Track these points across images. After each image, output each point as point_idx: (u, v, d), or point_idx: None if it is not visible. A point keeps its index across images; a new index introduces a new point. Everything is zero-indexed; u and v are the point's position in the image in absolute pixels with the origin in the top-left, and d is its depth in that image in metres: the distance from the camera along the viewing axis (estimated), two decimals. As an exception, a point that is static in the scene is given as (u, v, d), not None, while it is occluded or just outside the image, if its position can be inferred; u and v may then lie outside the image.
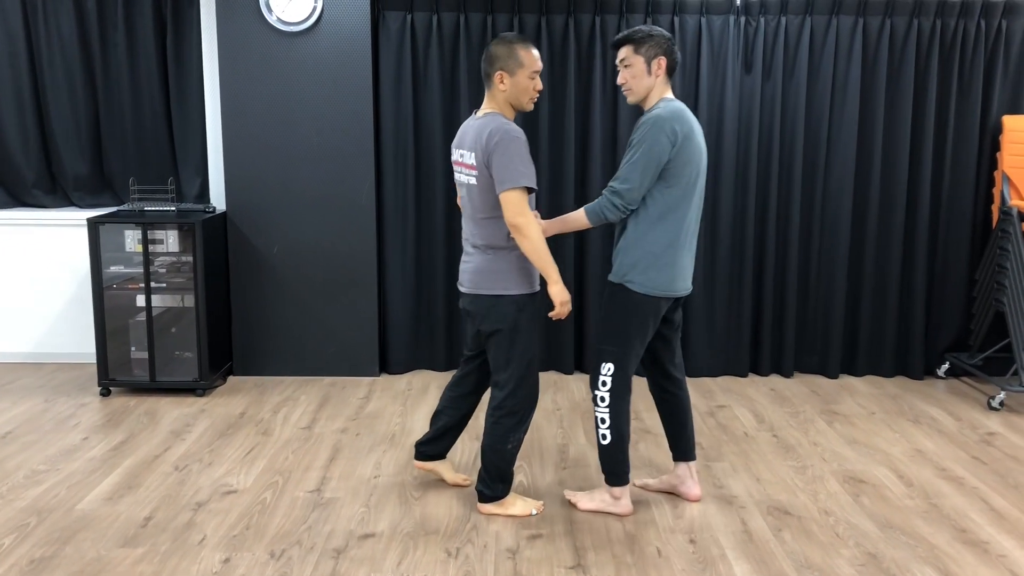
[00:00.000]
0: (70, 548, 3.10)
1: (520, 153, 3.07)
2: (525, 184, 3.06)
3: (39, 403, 4.62)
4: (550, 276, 3.13)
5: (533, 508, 3.39)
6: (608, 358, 3.27)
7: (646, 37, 3.18)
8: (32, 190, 5.29)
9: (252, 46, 4.81)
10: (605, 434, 3.30)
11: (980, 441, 4.23)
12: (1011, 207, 4.72)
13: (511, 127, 3.09)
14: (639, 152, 3.09)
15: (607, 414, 3.29)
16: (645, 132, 3.09)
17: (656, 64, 3.18)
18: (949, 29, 4.91)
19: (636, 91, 3.23)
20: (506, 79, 3.15)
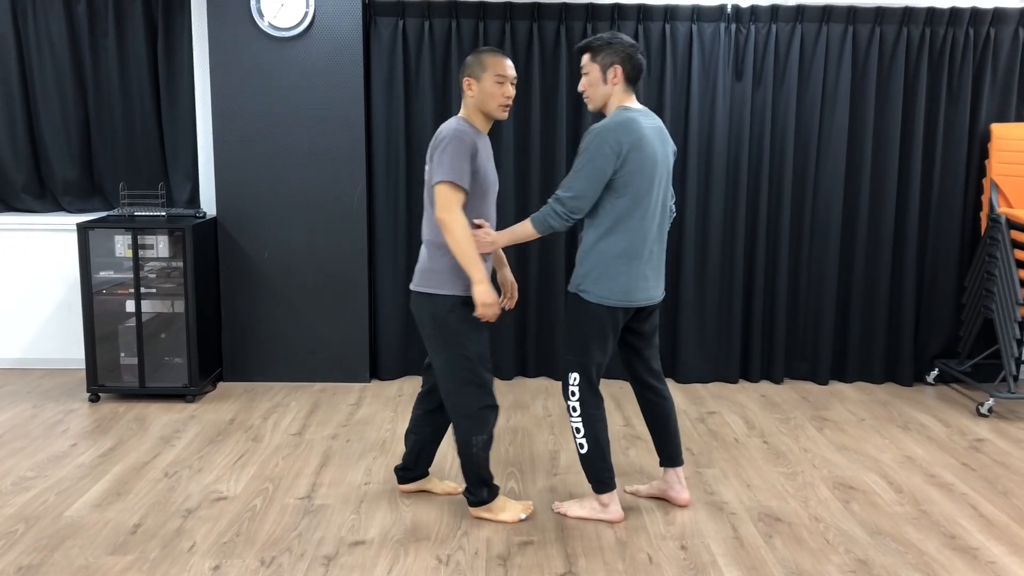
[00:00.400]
0: (58, 555, 3.08)
1: (457, 152, 3.09)
2: (452, 179, 3.07)
3: (27, 409, 4.60)
4: (473, 276, 3.11)
5: (522, 512, 3.39)
6: (573, 368, 3.29)
7: (603, 45, 3.18)
8: (21, 195, 5.27)
9: (243, 51, 4.80)
10: (582, 443, 3.31)
11: (969, 447, 4.24)
12: (999, 214, 4.75)
13: (461, 128, 3.13)
14: (583, 161, 3.10)
15: (581, 423, 3.30)
16: (589, 142, 3.10)
17: (612, 72, 3.17)
18: (938, 37, 4.95)
19: (593, 99, 3.24)
20: (473, 85, 3.18)
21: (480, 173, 3.18)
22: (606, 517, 3.38)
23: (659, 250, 3.30)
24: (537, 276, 5.12)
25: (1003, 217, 4.73)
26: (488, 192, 3.25)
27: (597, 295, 3.21)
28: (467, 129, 3.15)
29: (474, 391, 3.23)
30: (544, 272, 5.12)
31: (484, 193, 3.23)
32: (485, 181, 3.22)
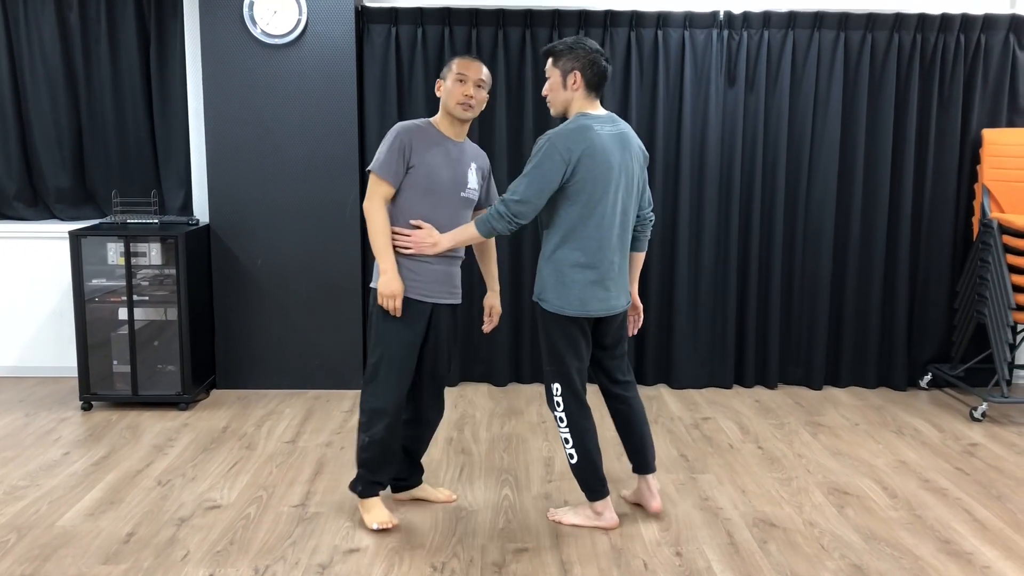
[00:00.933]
0: (51, 565, 3.06)
1: (387, 142, 3.19)
2: (372, 169, 3.17)
3: (19, 417, 4.58)
4: (380, 265, 3.17)
5: (376, 523, 3.31)
6: (554, 379, 3.27)
7: (565, 50, 3.16)
8: (13, 202, 5.25)
9: (236, 59, 4.80)
10: (572, 453, 3.29)
11: (963, 452, 4.25)
12: (991, 219, 4.77)
13: (405, 123, 3.23)
14: (531, 166, 3.09)
15: (568, 433, 3.28)
16: (540, 147, 3.09)
17: (572, 78, 3.15)
18: (929, 43, 4.97)
19: (554, 104, 3.24)
20: (442, 86, 3.27)
21: (421, 171, 3.18)
22: (601, 524, 3.37)
23: (620, 259, 3.25)
24: (530, 283, 5.12)
25: (995, 222, 4.74)
26: (435, 193, 3.21)
27: (554, 304, 3.20)
28: (414, 126, 3.23)
29: (375, 391, 3.23)
30: (538, 278, 5.12)
31: (428, 192, 3.20)
32: (429, 179, 3.19)
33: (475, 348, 5.22)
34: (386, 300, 3.16)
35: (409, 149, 3.18)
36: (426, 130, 3.24)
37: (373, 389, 3.25)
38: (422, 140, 3.21)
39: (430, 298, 3.26)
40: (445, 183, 3.24)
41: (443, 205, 3.24)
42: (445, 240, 3.20)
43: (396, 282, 3.16)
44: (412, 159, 3.18)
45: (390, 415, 3.24)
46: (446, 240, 3.20)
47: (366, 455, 3.30)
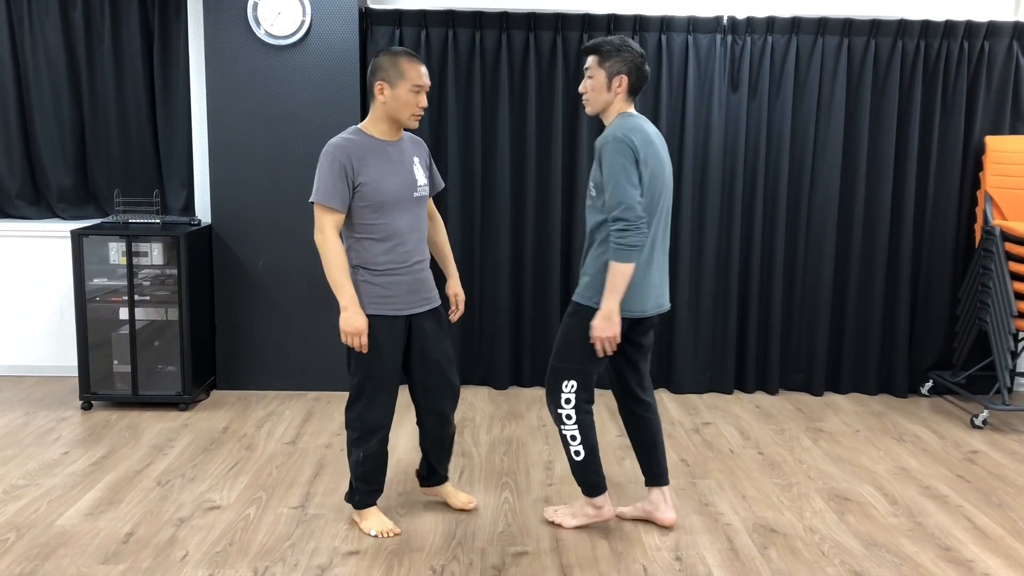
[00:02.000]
0: (50, 565, 3.06)
1: (324, 168, 3.03)
2: (316, 200, 3.03)
3: (19, 417, 4.57)
4: (341, 300, 3.04)
5: (374, 529, 3.31)
6: (569, 376, 3.22)
7: (613, 51, 3.10)
8: (15, 201, 5.25)
9: (239, 59, 4.80)
10: (578, 450, 3.26)
11: (964, 459, 4.24)
12: (994, 226, 4.76)
13: (335, 142, 3.05)
14: (613, 171, 3.00)
15: (576, 430, 3.25)
16: (611, 151, 3.01)
17: (617, 81, 3.11)
18: (933, 50, 4.97)
19: (593, 104, 3.18)
20: (386, 90, 3.06)
21: (369, 186, 3.05)
22: (602, 518, 3.36)
23: (664, 256, 3.24)
24: (532, 286, 5.12)
25: (997, 229, 4.74)
26: (386, 204, 3.08)
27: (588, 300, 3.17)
28: (345, 141, 3.06)
29: (361, 410, 3.19)
30: (539, 282, 5.12)
31: (380, 206, 3.07)
32: (377, 193, 3.06)
33: (475, 351, 5.22)
34: (351, 338, 3.05)
35: (351, 168, 3.03)
36: (361, 142, 3.08)
37: (361, 408, 3.20)
38: (361, 154, 3.06)
39: (405, 310, 3.18)
40: (396, 191, 3.10)
41: (399, 213, 3.12)
42: (612, 303, 3.05)
43: (358, 317, 3.04)
44: (357, 177, 3.04)
45: (383, 429, 3.23)
46: (612, 302, 3.05)
47: (362, 469, 3.28)
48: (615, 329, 3.07)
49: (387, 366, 3.17)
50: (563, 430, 3.28)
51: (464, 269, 5.11)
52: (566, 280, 5.16)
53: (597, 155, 3.10)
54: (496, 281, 5.09)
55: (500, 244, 5.05)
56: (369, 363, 3.16)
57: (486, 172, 5.05)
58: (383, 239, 3.12)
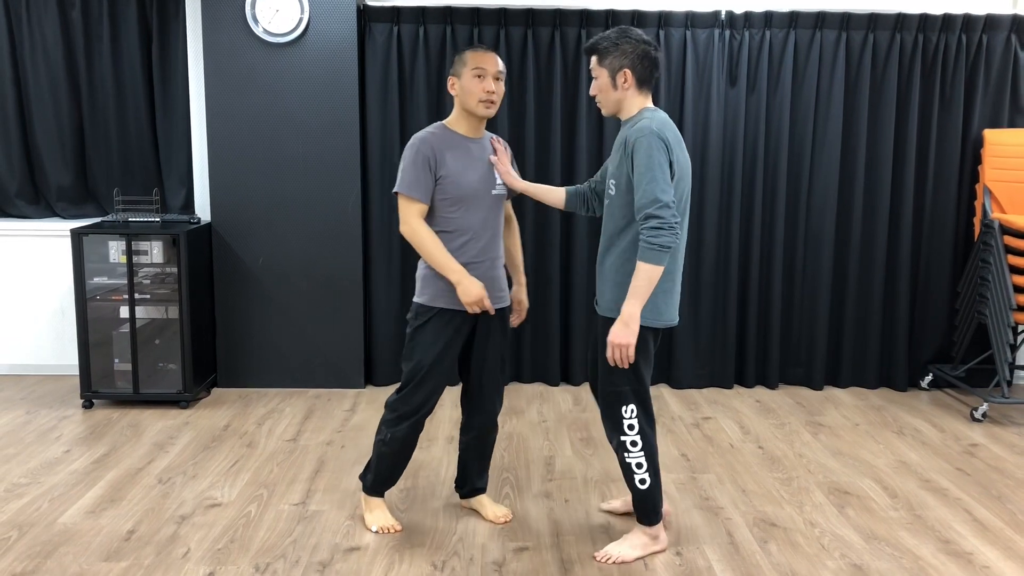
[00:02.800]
0: (52, 562, 3.06)
1: (408, 159, 3.07)
2: (400, 191, 3.06)
3: (20, 415, 4.58)
4: (450, 278, 3.06)
5: (376, 525, 3.32)
6: (628, 400, 3.01)
7: (610, 47, 2.93)
8: (15, 200, 5.26)
9: (238, 57, 4.80)
10: (644, 479, 3.05)
11: (963, 452, 4.25)
12: (993, 220, 4.76)
13: (419, 135, 3.10)
14: (646, 167, 2.81)
15: (643, 456, 3.03)
16: (645, 148, 2.82)
17: (622, 77, 2.94)
18: (931, 43, 4.96)
19: (605, 104, 3.02)
20: (455, 83, 3.12)
21: (450, 179, 3.08)
22: (658, 548, 3.18)
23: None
24: (532, 284, 5.12)
25: (996, 222, 4.74)
26: (466, 199, 3.11)
27: (648, 318, 2.94)
28: (432, 135, 3.10)
29: (411, 396, 3.19)
30: (538, 279, 5.12)
31: (460, 200, 3.10)
32: (458, 187, 3.09)
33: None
34: (473, 307, 3.07)
35: (434, 161, 3.06)
36: (443, 136, 3.12)
37: (406, 393, 3.20)
38: (442, 148, 3.09)
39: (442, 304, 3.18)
40: (475, 186, 3.13)
41: (475, 210, 3.13)
42: (636, 307, 2.86)
43: (474, 286, 3.05)
44: (439, 170, 3.07)
45: (417, 416, 3.22)
46: (636, 306, 2.86)
47: (385, 449, 3.26)
48: (633, 337, 2.87)
49: (444, 357, 3.17)
50: (627, 458, 3.05)
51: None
52: (565, 275, 5.16)
53: (626, 151, 2.90)
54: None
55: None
56: (427, 351, 3.15)
57: (485, 168, 5.04)
58: (458, 234, 3.13)
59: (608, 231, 3.04)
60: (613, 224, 3.00)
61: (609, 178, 3.04)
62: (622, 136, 2.97)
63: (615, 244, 3.00)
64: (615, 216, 2.99)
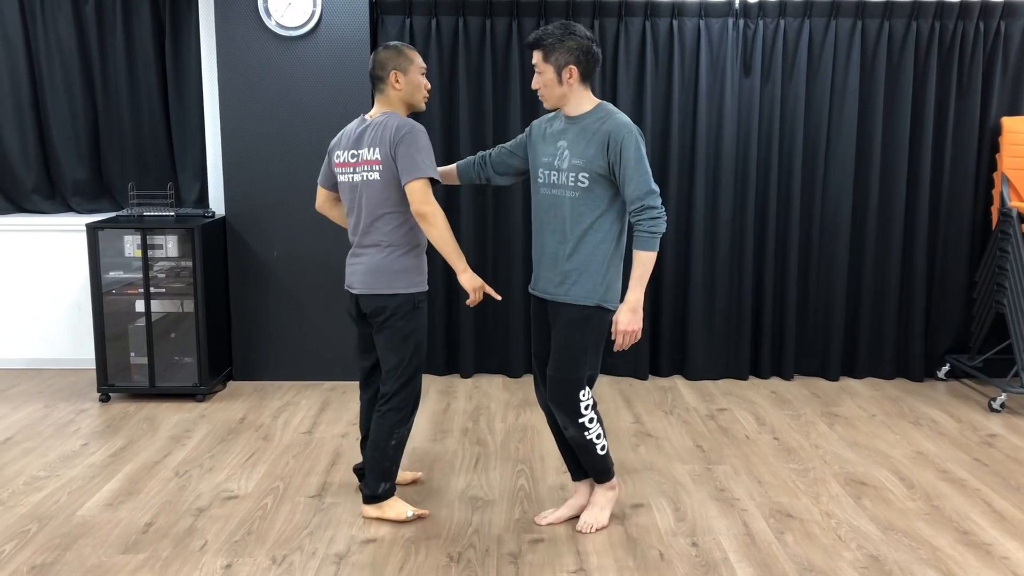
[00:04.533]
0: (71, 555, 3.09)
1: (425, 146, 3.16)
2: (429, 175, 3.13)
3: (39, 409, 4.61)
4: (457, 265, 3.21)
5: (409, 511, 3.34)
6: (580, 385, 3.12)
7: (556, 43, 3.00)
8: (31, 196, 5.29)
9: (251, 51, 4.81)
10: (603, 445, 3.21)
11: (981, 443, 4.22)
12: (1011, 208, 4.72)
13: (415, 123, 3.20)
14: (635, 161, 2.95)
15: (599, 429, 3.19)
16: (632, 144, 2.95)
17: (567, 72, 3.02)
18: (948, 31, 4.92)
19: (548, 99, 3.09)
20: (401, 78, 3.22)
21: None
22: (616, 494, 3.37)
23: None
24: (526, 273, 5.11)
25: (1014, 211, 4.70)
26: None
27: (613, 303, 3.11)
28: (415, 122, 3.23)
29: (415, 387, 3.30)
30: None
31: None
32: None
33: (490, 340, 5.22)
34: (477, 293, 3.25)
35: None
36: None
37: (414, 387, 3.30)
38: None
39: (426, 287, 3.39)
40: None
41: None
42: (640, 293, 3.02)
43: (476, 275, 3.28)
44: None
45: (418, 403, 3.37)
46: (640, 292, 3.02)
47: (399, 450, 3.32)
48: (640, 322, 3.02)
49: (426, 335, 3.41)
50: (587, 436, 3.16)
51: (478, 258, 5.11)
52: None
53: (610, 145, 2.98)
54: (510, 270, 5.09)
55: (513, 232, 5.05)
56: (421, 334, 3.30)
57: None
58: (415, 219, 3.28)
59: (579, 221, 3.06)
60: (588, 213, 3.05)
61: (574, 171, 3.05)
62: (591, 130, 3.02)
63: (592, 232, 3.06)
64: (590, 205, 3.05)
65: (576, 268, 3.08)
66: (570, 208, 3.07)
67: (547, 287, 3.16)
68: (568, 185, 3.06)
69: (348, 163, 3.26)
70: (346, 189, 3.30)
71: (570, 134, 3.07)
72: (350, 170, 3.26)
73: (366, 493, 3.36)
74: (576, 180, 3.04)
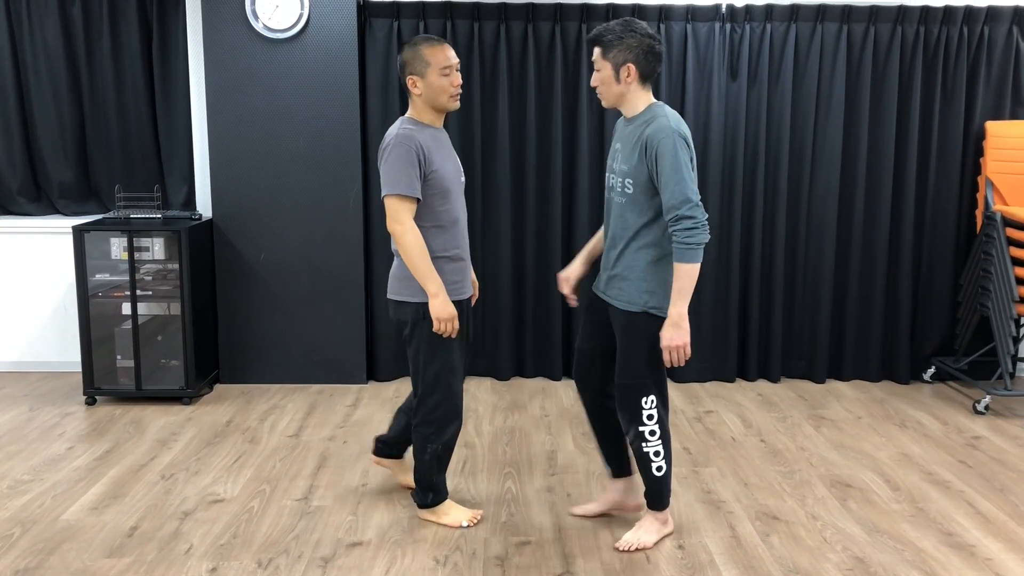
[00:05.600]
0: (55, 559, 3.07)
1: (400, 159, 3.03)
2: (397, 192, 3.03)
3: (23, 412, 4.59)
4: (428, 289, 3.05)
5: (464, 520, 3.33)
6: (648, 391, 3.05)
7: (616, 40, 2.92)
8: (17, 197, 5.26)
9: (238, 53, 4.80)
10: (661, 465, 3.10)
11: (966, 445, 4.25)
12: (995, 212, 4.76)
13: (403, 133, 3.07)
14: (671, 167, 2.84)
15: (660, 445, 3.09)
16: (671, 148, 2.85)
17: (625, 71, 2.94)
18: (933, 36, 4.95)
19: (606, 97, 3.03)
20: (418, 82, 3.11)
21: (437, 173, 3.11)
22: (668, 531, 3.26)
23: None
24: (534, 278, 5.12)
25: (999, 215, 4.73)
26: (450, 190, 3.16)
27: (663, 310, 2.99)
28: (411, 131, 3.09)
29: (440, 399, 3.20)
30: (540, 274, 5.12)
31: (446, 192, 3.14)
32: (444, 179, 3.13)
33: (478, 342, 5.22)
34: (444, 324, 3.08)
35: (422, 156, 3.06)
36: (422, 130, 3.13)
37: (439, 398, 3.19)
38: (427, 142, 3.10)
39: (465, 294, 3.28)
40: (454, 176, 3.20)
41: (455, 199, 3.20)
42: (683, 307, 2.91)
43: (449, 304, 3.08)
44: (428, 166, 3.08)
45: (460, 416, 3.27)
46: (683, 306, 2.91)
47: (442, 461, 3.29)
48: (687, 336, 2.91)
49: (459, 347, 3.24)
50: (645, 448, 3.08)
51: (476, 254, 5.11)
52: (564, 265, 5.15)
53: (648, 151, 2.90)
54: (498, 273, 5.09)
55: (501, 235, 5.05)
56: (448, 349, 3.17)
57: (486, 164, 5.04)
58: (449, 226, 3.18)
59: (625, 227, 3.02)
60: (633, 220, 3.00)
61: (622, 176, 3.01)
62: (636, 134, 2.96)
63: (636, 239, 3.01)
64: (635, 212, 2.99)
65: (620, 274, 3.05)
66: (618, 213, 3.04)
67: (599, 285, 3.16)
68: (618, 190, 3.03)
69: None
70: None
71: (624, 136, 3.02)
72: None
73: (416, 501, 3.38)
74: (623, 186, 3.00)
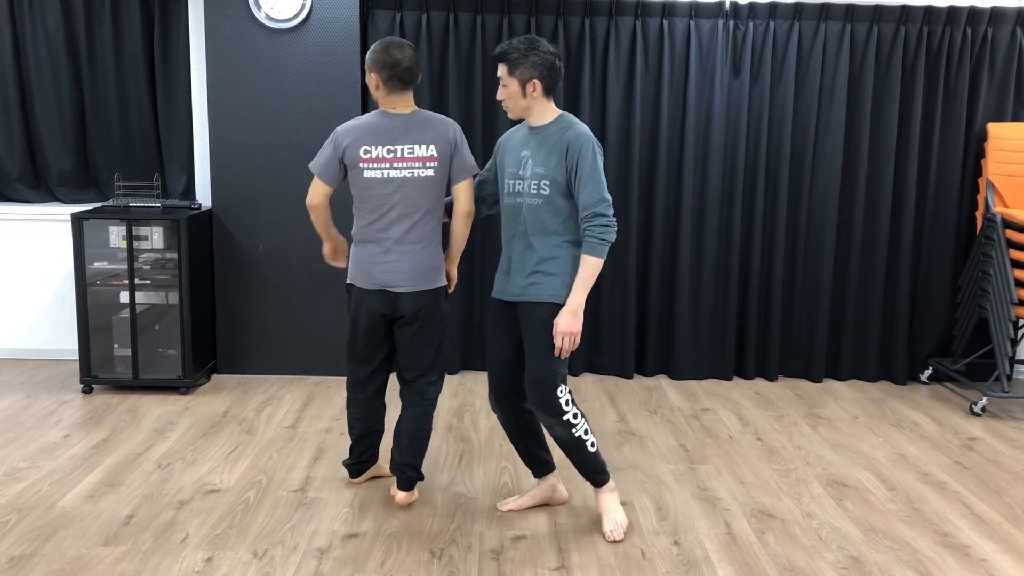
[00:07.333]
0: (50, 546, 3.07)
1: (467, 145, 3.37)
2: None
3: (20, 399, 4.58)
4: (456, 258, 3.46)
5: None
6: (559, 381, 3.15)
7: (520, 58, 3.09)
8: (16, 185, 5.25)
9: (240, 43, 4.78)
10: (593, 441, 3.22)
11: (962, 446, 4.25)
12: (995, 214, 4.75)
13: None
14: (590, 169, 3.05)
15: (584, 424, 3.20)
16: (590, 153, 3.05)
17: (531, 87, 3.11)
18: (936, 36, 4.95)
19: (513, 110, 3.19)
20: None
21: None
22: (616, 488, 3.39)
23: None
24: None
25: (999, 216, 4.73)
26: None
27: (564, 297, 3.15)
28: None
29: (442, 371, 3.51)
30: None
31: None
32: None
33: (475, 337, 5.22)
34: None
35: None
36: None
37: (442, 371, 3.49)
38: None
39: None
40: None
41: None
42: (583, 297, 3.09)
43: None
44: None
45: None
46: (583, 296, 3.09)
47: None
48: (579, 325, 3.09)
49: None
50: (574, 433, 3.18)
51: (465, 255, 5.10)
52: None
53: (569, 154, 3.08)
54: (495, 268, 5.08)
55: (498, 230, 5.03)
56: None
57: (487, 158, 5.03)
58: None
59: (542, 227, 3.14)
60: (551, 219, 3.13)
61: (537, 179, 3.13)
62: (552, 140, 3.12)
63: (553, 237, 3.14)
64: (551, 212, 3.13)
65: (542, 270, 3.15)
66: (534, 214, 3.16)
67: (514, 290, 3.21)
68: (530, 193, 3.16)
69: (383, 158, 3.22)
70: (375, 184, 3.23)
71: (532, 144, 3.17)
72: (386, 165, 3.22)
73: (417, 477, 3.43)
74: (539, 188, 3.14)
